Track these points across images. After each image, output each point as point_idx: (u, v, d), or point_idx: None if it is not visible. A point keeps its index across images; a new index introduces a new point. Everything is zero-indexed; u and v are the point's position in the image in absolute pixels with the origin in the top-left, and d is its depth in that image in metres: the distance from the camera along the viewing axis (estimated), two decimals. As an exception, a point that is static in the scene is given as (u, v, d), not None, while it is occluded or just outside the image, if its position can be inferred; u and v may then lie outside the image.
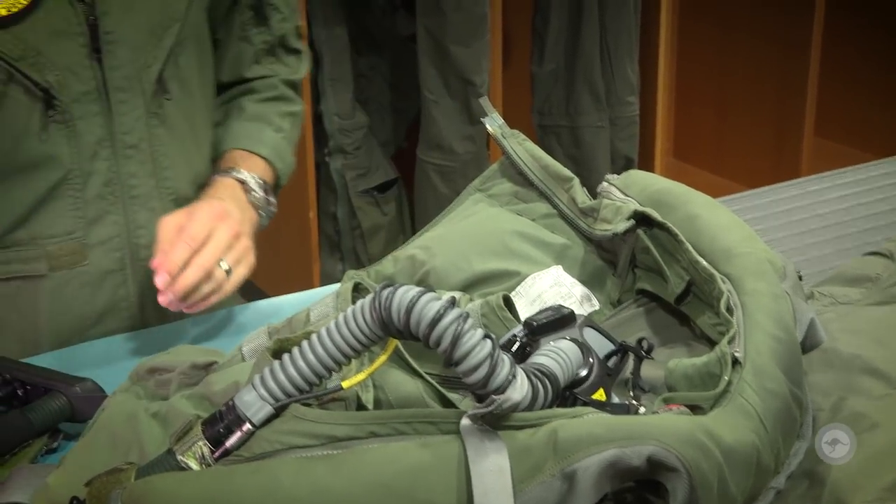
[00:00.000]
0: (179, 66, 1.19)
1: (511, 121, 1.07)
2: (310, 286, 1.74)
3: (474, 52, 2.48)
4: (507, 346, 0.76)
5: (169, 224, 1.11)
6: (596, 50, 2.69)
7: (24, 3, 1.07)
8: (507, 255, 0.97)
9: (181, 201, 1.21)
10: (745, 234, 0.87)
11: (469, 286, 0.95)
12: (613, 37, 2.70)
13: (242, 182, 1.22)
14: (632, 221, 0.91)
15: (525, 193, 1.02)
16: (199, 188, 1.24)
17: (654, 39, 2.86)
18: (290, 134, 1.34)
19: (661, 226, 0.88)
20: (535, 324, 0.77)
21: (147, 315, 1.22)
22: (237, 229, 1.13)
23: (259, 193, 1.23)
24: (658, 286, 0.91)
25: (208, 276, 1.09)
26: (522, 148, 1.02)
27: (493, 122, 1.04)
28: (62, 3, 1.09)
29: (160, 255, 1.08)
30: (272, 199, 1.26)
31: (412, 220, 2.74)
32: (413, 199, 2.69)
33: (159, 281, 1.07)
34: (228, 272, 1.11)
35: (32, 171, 1.13)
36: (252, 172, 1.24)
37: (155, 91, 1.17)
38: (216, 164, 1.27)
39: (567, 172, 1.00)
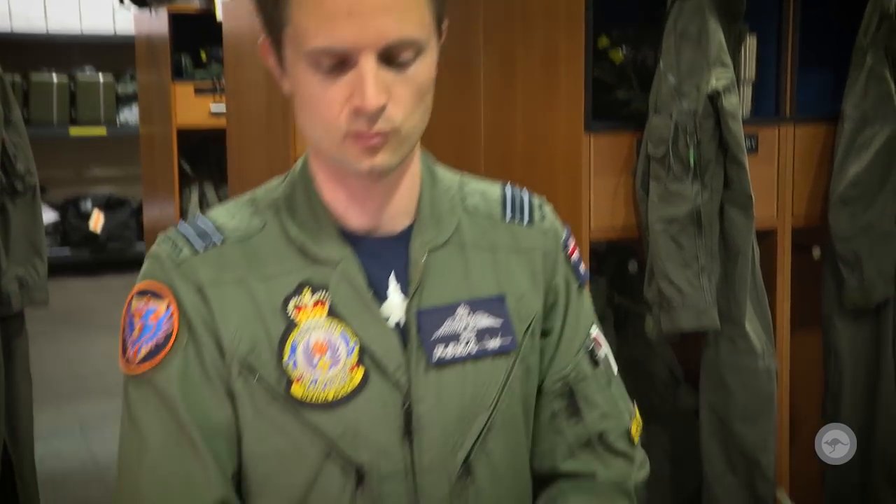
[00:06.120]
0: (487, 451, 1.20)
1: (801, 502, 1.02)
2: None
3: (761, 431, 2.42)
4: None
5: None
6: (895, 439, 2.55)
7: (350, 389, 1.15)
8: None
9: None
10: None
11: None
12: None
13: None
14: None
15: None
16: None
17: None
18: None
19: None
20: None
21: None
22: None
23: None
24: None
25: None
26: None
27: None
28: (384, 390, 1.16)
29: None
30: None
31: None
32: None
33: None
34: None
35: None
36: None
37: (460, 474, 1.18)
38: None
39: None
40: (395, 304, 1.18)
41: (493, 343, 1.21)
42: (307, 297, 1.16)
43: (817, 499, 2.66)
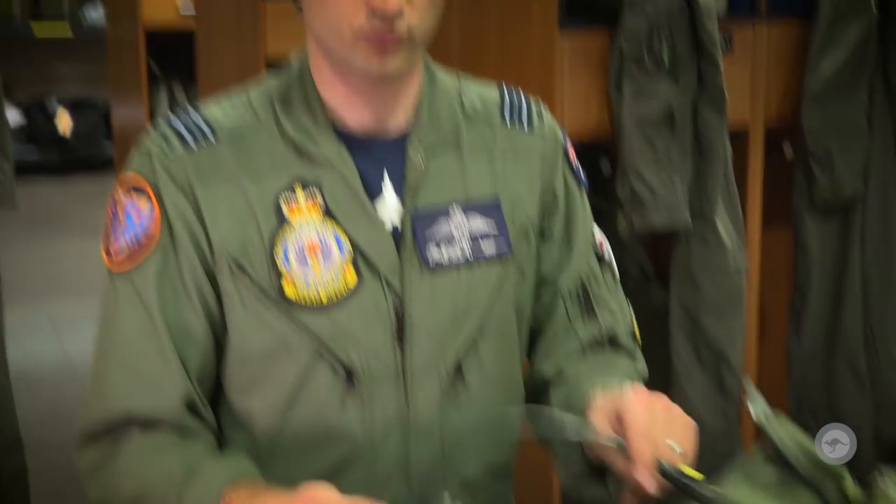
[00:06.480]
0: (479, 354, 1.21)
1: (767, 396, 1.05)
2: None
3: (729, 326, 2.46)
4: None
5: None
6: (859, 333, 2.60)
7: (343, 291, 1.15)
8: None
9: (468, 486, 1.21)
10: None
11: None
12: (879, 320, 2.61)
13: None
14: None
15: (790, 481, 0.98)
16: (487, 474, 1.24)
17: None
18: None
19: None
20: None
21: None
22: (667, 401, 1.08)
23: None
24: None
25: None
26: (789, 435, 0.99)
27: (757, 407, 1.01)
28: (377, 293, 1.16)
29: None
30: None
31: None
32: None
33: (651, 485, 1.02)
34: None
35: (328, 443, 1.17)
36: None
37: (451, 378, 1.19)
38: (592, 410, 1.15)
39: (837, 468, 0.95)
40: (390, 206, 1.18)
41: (488, 247, 1.21)
42: (299, 195, 1.16)
43: (783, 392, 2.72)
